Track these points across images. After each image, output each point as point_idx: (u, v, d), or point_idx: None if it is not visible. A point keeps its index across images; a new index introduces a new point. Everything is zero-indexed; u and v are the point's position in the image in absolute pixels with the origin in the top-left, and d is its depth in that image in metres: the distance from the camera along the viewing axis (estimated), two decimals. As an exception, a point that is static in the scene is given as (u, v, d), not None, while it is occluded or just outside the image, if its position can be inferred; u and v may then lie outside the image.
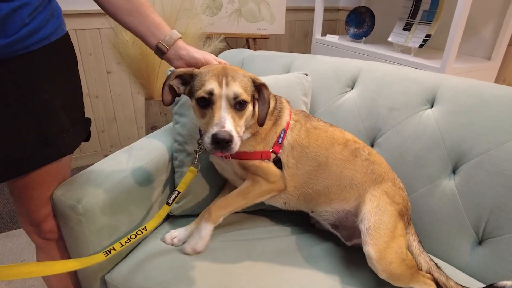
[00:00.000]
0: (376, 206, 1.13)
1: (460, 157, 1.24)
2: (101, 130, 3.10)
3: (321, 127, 1.21)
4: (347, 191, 1.17)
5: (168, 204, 1.16)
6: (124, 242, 1.06)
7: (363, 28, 2.83)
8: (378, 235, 1.08)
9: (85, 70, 2.82)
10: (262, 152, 1.13)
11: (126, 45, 1.89)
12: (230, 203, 1.15)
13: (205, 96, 0.98)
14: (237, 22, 2.79)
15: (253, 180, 1.14)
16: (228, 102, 0.97)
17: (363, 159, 1.19)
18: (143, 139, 1.43)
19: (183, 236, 1.23)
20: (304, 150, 1.16)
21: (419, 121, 1.34)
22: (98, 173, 1.18)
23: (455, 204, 1.23)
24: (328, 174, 1.16)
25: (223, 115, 0.95)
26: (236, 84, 0.99)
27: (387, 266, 1.06)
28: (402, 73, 1.46)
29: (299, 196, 1.21)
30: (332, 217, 1.23)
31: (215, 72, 1.00)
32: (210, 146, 0.94)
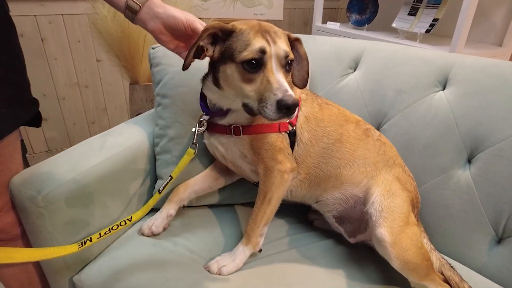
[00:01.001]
0: (389, 189, 1.03)
1: (477, 144, 1.11)
2: (92, 122, 2.97)
3: (332, 104, 1.15)
4: (360, 171, 1.07)
5: (159, 191, 1.05)
6: (104, 233, 0.94)
7: (365, 14, 2.69)
8: (393, 217, 0.97)
9: (74, 59, 2.67)
10: (280, 123, 1.01)
11: (105, 21, 1.74)
12: (258, 213, 1.03)
13: (255, 58, 0.84)
14: (232, 6, 2.65)
15: (265, 169, 1.02)
16: (279, 62, 0.85)
17: (375, 139, 1.11)
18: (122, 124, 1.29)
19: (160, 220, 1.12)
20: (319, 124, 1.07)
21: (429, 104, 1.21)
22: (65, 160, 1.04)
23: (471, 198, 1.09)
24: (341, 153, 1.07)
25: (280, 78, 0.83)
26: (282, 41, 0.88)
27: (402, 252, 0.94)
28: (410, 53, 1.32)
29: (309, 180, 1.09)
30: (339, 206, 1.11)
31: (255, 28, 0.87)
32: (276, 114, 0.81)
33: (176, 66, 1.20)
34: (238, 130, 1.00)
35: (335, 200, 1.10)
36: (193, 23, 0.94)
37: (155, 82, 1.23)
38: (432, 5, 2.20)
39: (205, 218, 1.21)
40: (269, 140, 1.00)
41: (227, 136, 1.03)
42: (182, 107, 1.18)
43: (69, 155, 1.07)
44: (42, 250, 0.83)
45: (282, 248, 1.11)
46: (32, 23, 2.42)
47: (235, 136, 1.02)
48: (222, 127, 1.03)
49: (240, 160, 1.07)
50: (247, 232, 1.03)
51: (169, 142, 1.19)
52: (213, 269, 0.99)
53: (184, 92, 1.19)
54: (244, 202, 1.30)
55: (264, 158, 1.01)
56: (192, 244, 1.10)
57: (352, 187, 1.08)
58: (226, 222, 1.21)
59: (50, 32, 2.50)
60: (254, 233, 1.02)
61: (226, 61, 0.89)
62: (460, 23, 1.85)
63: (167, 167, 1.19)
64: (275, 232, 1.18)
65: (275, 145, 1.00)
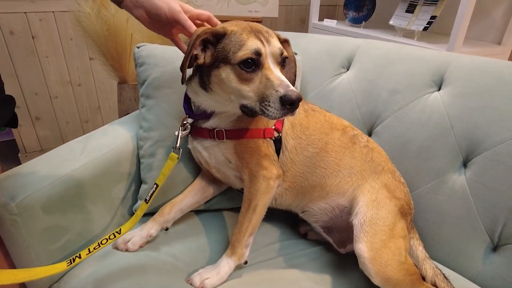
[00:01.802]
0: (375, 199, 0.99)
1: (473, 147, 1.06)
2: (85, 121, 2.93)
3: (319, 110, 1.11)
4: (345, 181, 1.04)
5: (146, 201, 1.00)
6: (93, 249, 0.90)
7: (362, 11, 2.65)
8: (374, 231, 0.94)
9: (66, 57, 2.63)
10: (264, 129, 0.98)
11: (88, 18, 1.69)
12: (243, 222, 0.99)
13: (252, 57, 0.82)
14: (227, 4, 2.60)
15: (250, 175, 0.98)
16: (275, 60, 0.85)
17: (362, 146, 1.07)
18: (106, 126, 1.25)
19: (138, 238, 1.04)
20: (304, 131, 1.04)
21: (424, 105, 1.17)
22: (42, 165, 1.00)
23: (466, 203, 1.05)
24: (326, 162, 1.04)
25: (279, 75, 0.82)
26: (275, 40, 0.88)
27: (381, 268, 0.91)
28: (405, 51, 1.27)
29: (294, 188, 1.06)
30: (325, 216, 1.07)
31: (247, 29, 0.86)
32: (279, 112, 0.79)
33: (161, 66, 1.16)
34: (221, 134, 0.97)
35: (320, 210, 1.07)
36: (176, 14, 0.90)
37: (140, 82, 1.19)
38: (430, 2, 2.15)
39: (191, 224, 1.17)
40: (254, 145, 0.96)
41: (210, 140, 0.99)
42: (167, 109, 1.14)
43: (47, 159, 1.03)
44: (29, 271, 0.78)
45: (269, 255, 1.07)
46: (23, 21, 2.37)
47: (219, 140, 0.98)
48: (205, 130, 0.99)
49: (224, 165, 1.03)
50: (231, 242, 0.99)
51: (153, 145, 1.14)
52: (196, 283, 0.94)
53: (169, 93, 1.14)
54: (231, 208, 1.25)
55: (249, 163, 0.97)
56: (176, 250, 1.06)
57: (338, 197, 1.04)
58: (213, 228, 1.16)
59: (41, 30, 2.46)
60: (239, 243, 0.98)
61: (220, 65, 0.86)
62: (458, 21, 1.80)
63: (151, 171, 1.15)
64: (263, 239, 1.14)
65: (260, 150, 0.97)
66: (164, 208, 1.10)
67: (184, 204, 1.13)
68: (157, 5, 0.89)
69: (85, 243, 1.06)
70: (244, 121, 0.97)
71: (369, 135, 1.28)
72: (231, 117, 0.97)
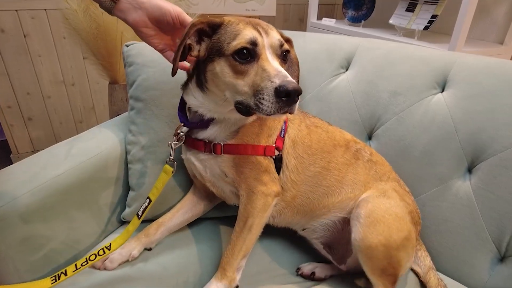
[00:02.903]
0: (381, 194, 0.94)
1: (478, 152, 1.01)
2: (79, 121, 2.88)
3: (321, 126, 1.04)
4: (348, 197, 0.98)
5: (138, 216, 0.95)
6: (80, 265, 0.86)
7: (362, 10, 2.61)
8: (377, 206, 0.91)
9: (59, 55, 2.58)
10: (266, 146, 0.91)
11: (76, 16, 1.63)
12: (236, 243, 0.91)
13: (246, 47, 0.76)
14: (223, 2, 2.54)
15: (248, 191, 0.91)
16: (274, 52, 0.79)
17: (365, 160, 1.02)
18: (94, 128, 1.19)
19: (118, 257, 0.97)
20: (307, 151, 0.98)
21: (427, 108, 1.12)
22: (22, 171, 0.94)
23: (471, 211, 1.00)
24: (329, 181, 0.98)
25: (277, 66, 0.75)
26: (275, 32, 0.82)
27: (370, 236, 0.87)
28: (406, 51, 1.22)
29: (294, 207, 1.00)
30: (327, 232, 1.02)
31: (245, 20, 0.81)
32: (274, 105, 0.72)
33: (151, 66, 1.10)
34: (219, 148, 0.90)
35: (322, 226, 1.01)
36: (181, 15, 0.85)
37: (129, 83, 1.13)
38: (430, 1, 2.11)
39: (181, 232, 1.11)
40: (255, 159, 0.90)
41: (206, 153, 0.93)
42: (156, 112, 1.08)
43: (28, 164, 0.97)
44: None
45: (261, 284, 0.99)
46: (14, 19, 2.32)
47: (216, 154, 0.92)
48: (200, 143, 0.92)
49: (219, 179, 0.96)
50: (222, 265, 0.91)
51: (141, 150, 1.08)
52: None
53: (158, 95, 1.09)
54: (223, 217, 1.19)
55: (247, 177, 0.90)
56: (165, 259, 1.01)
57: (341, 212, 0.99)
58: (203, 236, 1.11)
59: (33, 28, 2.41)
60: (230, 266, 0.90)
61: (214, 58, 0.80)
62: (460, 20, 1.76)
63: (139, 178, 1.09)
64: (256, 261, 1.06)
65: (261, 164, 0.90)
66: (150, 228, 1.03)
67: (173, 223, 1.07)
68: (161, 5, 0.83)
69: (70, 252, 1.00)
70: (244, 135, 0.90)
71: (369, 138, 1.23)
72: (231, 128, 0.90)
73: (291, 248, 1.10)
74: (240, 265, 0.93)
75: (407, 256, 0.91)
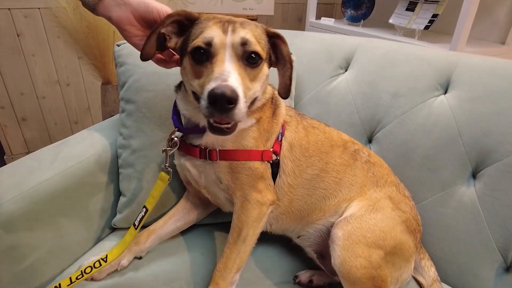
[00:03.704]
0: (372, 205, 0.90)
1: (483, 157, 0.97)
2: (74, 122, 2.84)
3: (318, 126, 1.01)
4: (343, 199, 0.95)
5: (135, 226, 0.90)
6: (76, 278, 0.82)
7: (361, 9, 2.57)
8: (359, 226, 0.86)
9: (53, 55, 2.54)
10: (263, 151, 0.87)
11: (65, 14, 1.58)
12: (230, 256, 0.86)
13: (201, 46, 0.72)
14: (221, 1, 2.50)
15: (242, 199, 0.87)
16: (235, 52, 0.72)
17: (363, 161, 0.98)
18: (84, 131, 1.15)
19: (107, 266, 0.92)
20: (304, 153, 0.94)
21: (429, 110, 1.08)
22: (6, 177, 0.90)
23: (475, 218, 0.96)
24: (326, 183, 0.95)
25: (226, 68, 0.69)
26: (246, 31, 0.75)
27: (349, 259, 0.83)
28: (408, 51, 1.18)
29: (291, 212, 0.96)
30: (320, 238, 0.98)
31: (221, 19, 0.77)
32: (206, 110, 0.67)
33: (142, 67, 1.06)
34: (214, 154, 0.85)
35: (316, 233, 0.98)
36: (168, 12, 0.80)
37: (120, 84, 1.09)
38: (431, 0, 2.07)
39: (173, 238, 1.07)
40: (251, 164, 0.86)
41: (198, 160, 0.89)
42: (148, 114, 1.04)
43: (11, 170, 0.93)
44: None
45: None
46: (7, 17, 2.28)
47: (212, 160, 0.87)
48: (196, 149, 0.87)
49: (214, 185, 0.92)
50: (214, 279, 0.86)
51: (132, 154, 1.04)
52: None
53: (150, 97, 1.04)
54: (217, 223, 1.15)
55: (243, 184, 0.86)
56: (157, 267, 0.97)
57: (333, 216, 0.95)
58: (196, 243, 1.06)
59: (27, 27, 2.37)
60: (223, 281, 0.86)
61: (185, 53, 0.77)
62: (461, 19, 1.72)
63: (130, 183, 1.05)
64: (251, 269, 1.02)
65: (258, 171, 0.86)
66: (141, 236, 0.99)
67: (164, 231, 1.03)
68: (147, 2, 0.79)
69: (57, 261, 0.96)
70: (242, 139, 0.86)
71: (369, 141, 1.19)
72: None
73: (287, 255, 1.06)
74: (234, 279, 0.88)
75: (395, 271, 0.88)
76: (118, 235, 1.09)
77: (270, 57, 0.83)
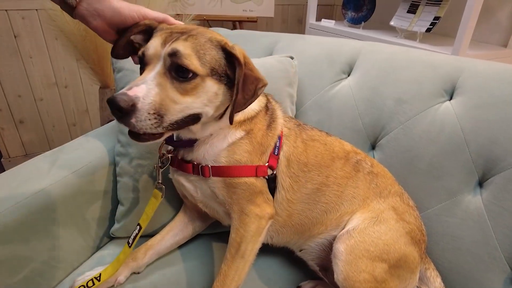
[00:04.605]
0: (375, 217, 0.88)
1: (491, 165, 0.95)
2: (72, 124, 2.81)
3: (318, 138, 0.98)
4: (345, 212, 0.93)
5: (129, 244, 0.88)
6: None
7: (362, 11, 2.55)
8: (362, 239, 0.84)
9: (51, 57, 2.52)
10: (257, 166, 0.83)
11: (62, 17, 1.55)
12: (228, 273, 0.83)
13: (140, 55, 0.74)
14: (220, 2, 2.48)
15: (240, 213, 0.84)
16: (165, 64, 0.71)
17: (366, 172, 0.95)
18: (81, 138, 1.12)
19: (103, 283, 0.89)
20: (303, 168, 0.91)
21: (434, 117, 1.05)
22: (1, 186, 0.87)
23: (482, 228, 0.94)
24: (327, 196, 0.93)
25: (146, 77, 0.69)
26: (184, 43, 0.71)
27: (352, 275, 0.82)
28: (411, 56, 1.16)
29: (292, 226, 0.94)
30: (323, 252, 0.96)
31: (174, 29, 0.75)
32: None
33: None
34: (207, 170, 0.83)
35: (318, 247, 0.96)
36: (146, 16, 0.78)
37: (118, 90, 1.06)
38: (433, 2, 2.05)
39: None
40: (247, 179, 0.83)
41: (194, 176, 0.86)
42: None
43: (7, 179, 0.90)
44: None
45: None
46: (4, 19, 2.26)
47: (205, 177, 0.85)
48: (188, 165, 0.84)
49: (211, 200, 0.90)
50: None
51: (130, 162, 1.01)
52: None
53: (148, 102, 1.01)
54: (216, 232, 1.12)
55: (240, 199, 0.83)
56: (156, 277, 0.95)
57: (335, 230, 0.93)
58: (196, 252, 1.04)
59: (24, 28, 2.35)
60: None
61: None
62: (464, 22, 1.70)
63: (127, 192, 1.02)
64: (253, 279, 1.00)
65: (254, 185, 0.83)
66: (138, 252, 0.96)
67: (162, 246, 1.00)
68: (120, 12, 0.76)
69: (53, 272, 0.93)
70: (234, 153, 0.83)
71: (372, 148, 1.17)
72: (218, 146, 0.83)
73: (290, 265, 1.04)
74: None
75: (400, 283, 0.87)
76: (116, 244, 1.06)
77: (228, 75, 0.76)
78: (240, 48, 0.76)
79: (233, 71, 0.75)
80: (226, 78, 0.76)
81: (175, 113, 0.70)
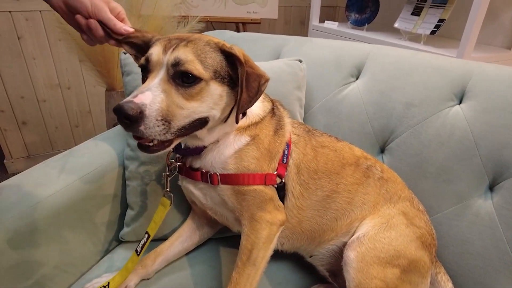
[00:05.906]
0: (385, 222, 0.88)
1: (501, 169, 0.95)
2: (75, 125, 2.80)
3: (328, 145, 0.97)
4: (355, 218, 0.92)
5: (137, 252, 0.87)
6: None
7: (365, 13, 2.54)
8: (372, 246, 0.84)
9: (54, 58, 2.51)
10: (266, 174, 0.83)
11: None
12: (239, 281, 0.81)
13: (143, 63, 0.74)
14: (224, 4, 2.48)
15: (251, 220, 0.83)
16: (167, 71, 0.71)
17: (376, 178, 0.95)
18: (89, 141, 1.12)
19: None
20: (313, 176, 0.90)
21: (444, 121, 1.05)
22: (10, 191, 0.87)
23: (493, 232, 0.94)
24: (338, 203, 0.93)
25: (150, 84, 0.69)
26: (185, 49, 0.72)
27: (365, 281, 0.81)
28: (422, 60, 1.15)
29: (302, 233, 0.94)
30: (332, 258, 0.96)
31: (170, 38, 0.75)
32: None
33: (150, 75, 1.03)
34: (215, 178, 0.82)
35: (328, 253, 0.96)
36: (100, 14, 0.75)
37: (127, 93, 1.06)
38: (437, 4, 2.05)
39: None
40: (256, 187, 0.82)
41: (203, 184, 0.86)
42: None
43: (17, 183, 0.90)
44: None
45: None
46: (7, 20, 2.25)
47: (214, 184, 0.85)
48: (197, 173, 0.84)
49: (221, 207, 0.89)
50: None
51: (140, 166, 1.01)
52: None
53: (158, 106, 1.01)
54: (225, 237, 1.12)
55: (250, 205, 0.83)
56: (166, 282, 0.95)
57: (346, 236, 0.93)
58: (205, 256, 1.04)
59: (27, 30, 2.34)
60: None
61: None
62: (469, 24, 1.70)
63: (137, 196, 1.02)
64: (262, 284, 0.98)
65: (264, 192, 0.83)
66: (147, 259, 0.96)
67: (171, 253, 1.00)
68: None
69: (63, 276, 0.93)
70: (242, 160, 0.82)
71: (381, 152, 1.16)
72: (225, 152, 0.83)
73: (299, 270, 1.04)
74: None
75: (412, 287, 0.87)
76: (125, 248, 1.06)
77: (230, 76, 0.76)
78: (238, 47, 0.76)
79: (234, 71, 0.76)
80: (228, 79, 0.76)
81: (182, 118, 0.70)
